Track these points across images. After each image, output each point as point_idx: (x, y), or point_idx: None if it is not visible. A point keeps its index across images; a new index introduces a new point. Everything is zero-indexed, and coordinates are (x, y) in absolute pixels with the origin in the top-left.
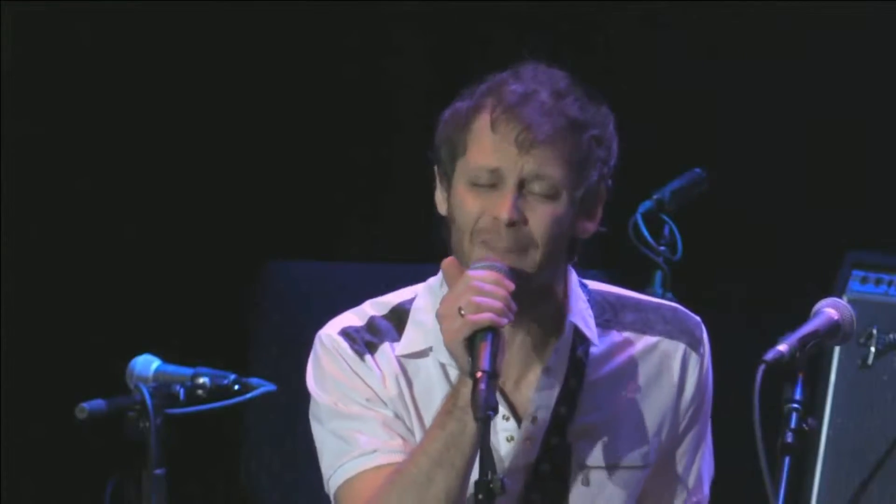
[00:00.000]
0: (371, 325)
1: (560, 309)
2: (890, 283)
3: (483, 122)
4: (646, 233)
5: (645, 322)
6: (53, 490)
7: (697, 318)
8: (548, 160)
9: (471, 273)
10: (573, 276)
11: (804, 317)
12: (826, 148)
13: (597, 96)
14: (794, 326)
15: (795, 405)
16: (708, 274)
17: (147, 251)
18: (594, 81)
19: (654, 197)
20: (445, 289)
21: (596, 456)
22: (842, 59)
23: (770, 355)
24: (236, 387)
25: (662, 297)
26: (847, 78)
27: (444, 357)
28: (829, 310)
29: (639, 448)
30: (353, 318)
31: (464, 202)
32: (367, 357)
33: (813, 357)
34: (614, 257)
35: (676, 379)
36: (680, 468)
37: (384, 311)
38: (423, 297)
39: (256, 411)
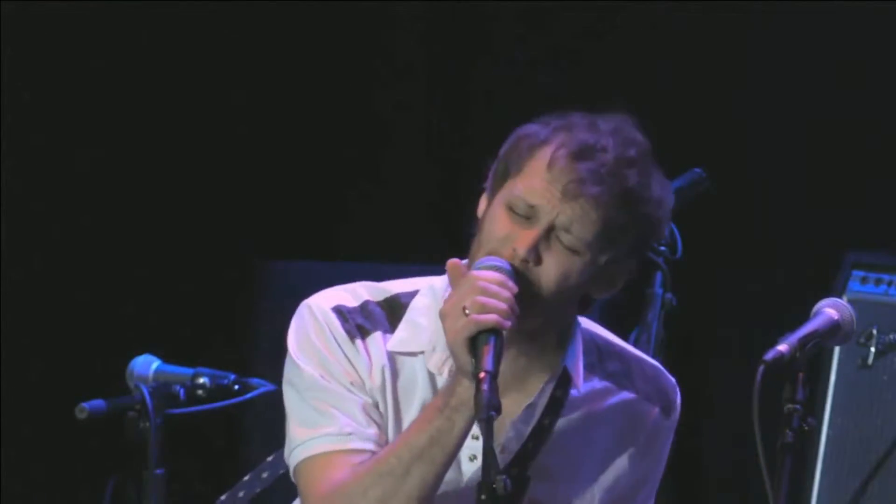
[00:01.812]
0: (364, 308)
1: (555, 348)
2: (890, 283)
3: (544, 156)
4: None
5: (626, 375)
6: (53, 490)
7: (674, 381)
8: (584, 219)
9: (476, 273)
10: (577, 319)
11: (804, 317)
12: (826, 148)
13: (664, 178)
14: (794, 326)
15: (795, 405)
16: (708, 274)
17: (147, 251)
18: (594, 81)
19: None
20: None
21: (548, 496)
22: (842, 58)
23: (770, 355)
24: (236, 387)
25: (662, 297)
26: (847, 77)
27: (434, 365)
28: (829, 310)
29: (590, 498)
30: (346, 296)
31: (496, 220)
32: (358, 341)
33: (813, 357)
34: None
35: (644, 441)
36: None
37: (379, 298)
38: (425, 296)
39: (256, 411)
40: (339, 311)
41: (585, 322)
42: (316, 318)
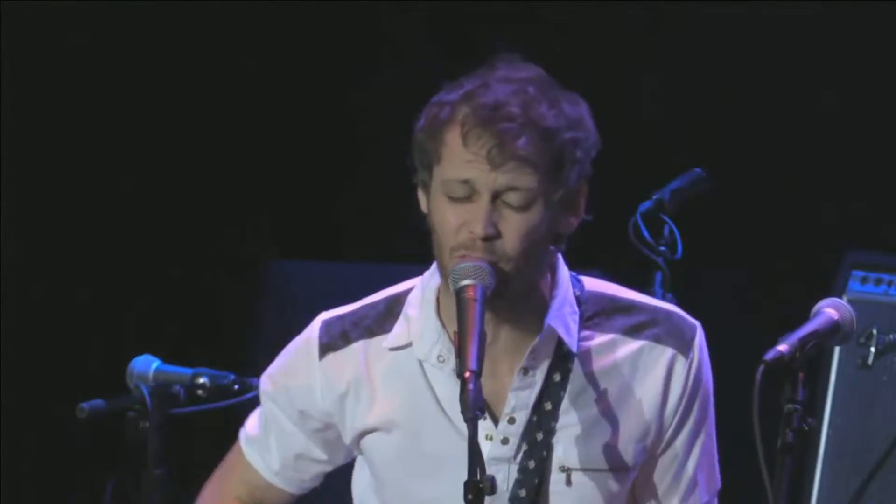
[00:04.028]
0: (363, 315)
1: (542, 308)
2: (890, 283)
3: (455, 134)
4: (646, 233)
5: (635, 325)
6: (53, 490)
7: (693, 322)
8: (521, 173)
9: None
10: (563, 273)
11: (804, 317)
12: (826, 147)
13: (570, 91)
14: (794, 326)
15: (795, 405)
16: (708, 274)
17: (147, 251)
18: (595, 81)
19: (654, 197)
20: (434, 281)
21: (577, 457)
22: (842, 58)
23: (770, 355)
24: (236, 387)
25: (663, 297)
26: (847, 77)
27: (422, 353)
28: (829, 310)
29: (621, 451)
30: (355, 307)
31: (443, 214)
32: (331, 355)
33: (813, 357)
34: (614, 257)
35: (661, 384)
36: (671, 473)
37: (379, 300)
38: (417, 288)
39: None
40: (328, 324)
41: (590, 281)
42: (306, 335)
